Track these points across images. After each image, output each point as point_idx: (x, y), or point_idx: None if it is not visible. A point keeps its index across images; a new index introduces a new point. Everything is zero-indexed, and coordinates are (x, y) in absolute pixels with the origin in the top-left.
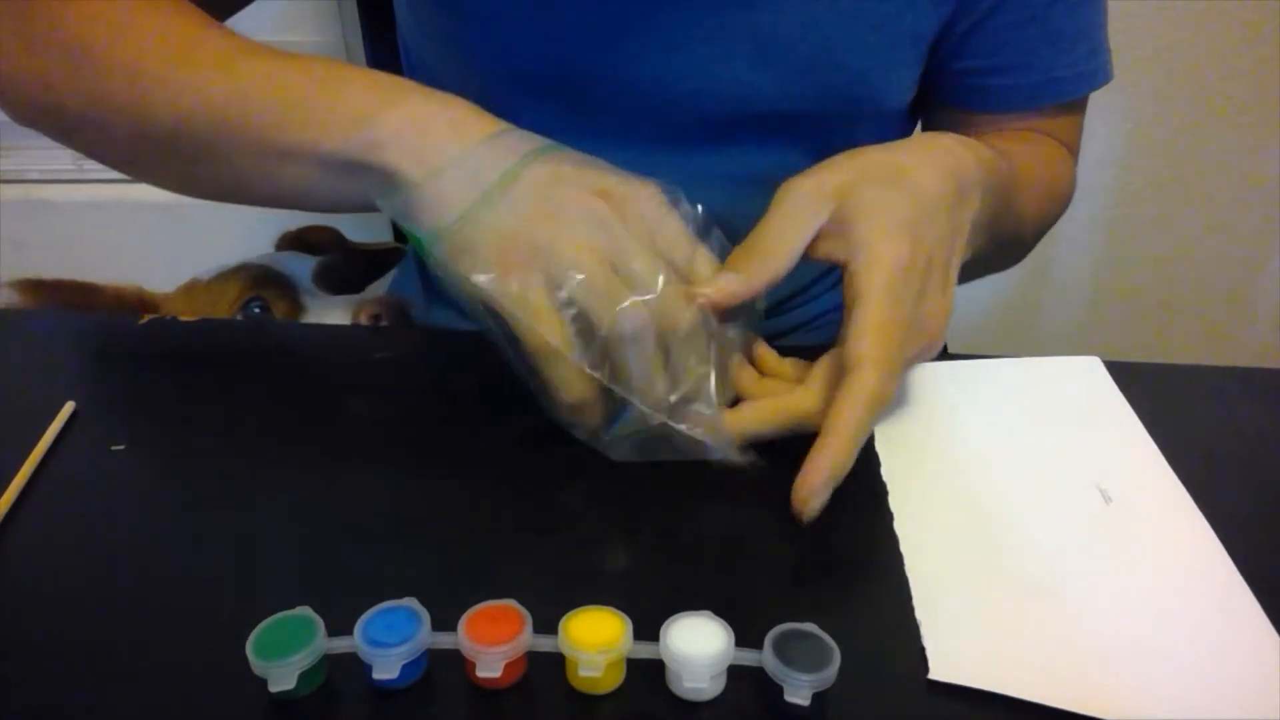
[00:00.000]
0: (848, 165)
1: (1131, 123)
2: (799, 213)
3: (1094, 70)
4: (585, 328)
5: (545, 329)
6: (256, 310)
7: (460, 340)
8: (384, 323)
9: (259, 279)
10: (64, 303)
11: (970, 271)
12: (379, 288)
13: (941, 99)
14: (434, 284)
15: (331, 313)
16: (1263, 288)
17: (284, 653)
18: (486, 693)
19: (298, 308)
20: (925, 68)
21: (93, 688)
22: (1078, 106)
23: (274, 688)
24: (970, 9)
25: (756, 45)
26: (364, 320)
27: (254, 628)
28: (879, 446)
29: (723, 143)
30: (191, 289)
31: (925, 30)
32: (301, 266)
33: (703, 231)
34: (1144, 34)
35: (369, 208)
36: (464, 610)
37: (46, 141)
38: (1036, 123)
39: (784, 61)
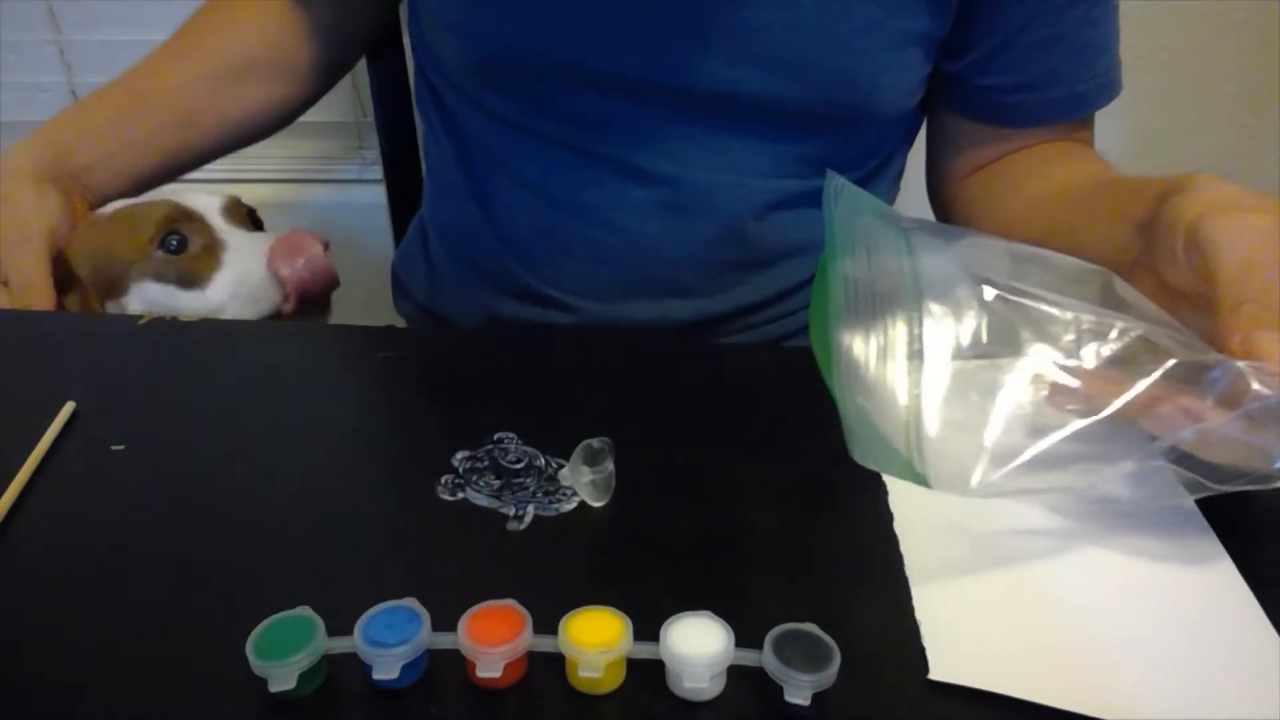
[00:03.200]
0: (1247, 196)
1: (1131, 123)
2: (1277, 252)
3: (1111, 82)
4: None
5: None
6: (174, 244)
7: (460, 340)
8: (303, 270)
9: (174, 215)
10: None
11: None
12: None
13: (963, 113)
14: (438, 269)
15: (252, 249)
16: None
17: (284, 653)
18: (486, 693)
19: (216, 243)
20: (947, 82)
21: (92, 688)
22: (1092, 115)
23: (274, 688)
24: (997, 28)
25: (736, 42)
26: (282, 270)
27: (254, 628)
28: None
29: (708, 132)
30: (115, 216)
31: (914, 34)
32: (208, 202)
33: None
34: (1144, 34)
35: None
36: (464, 610)
37: None
38: (1057, 133)
39: (766, 58)
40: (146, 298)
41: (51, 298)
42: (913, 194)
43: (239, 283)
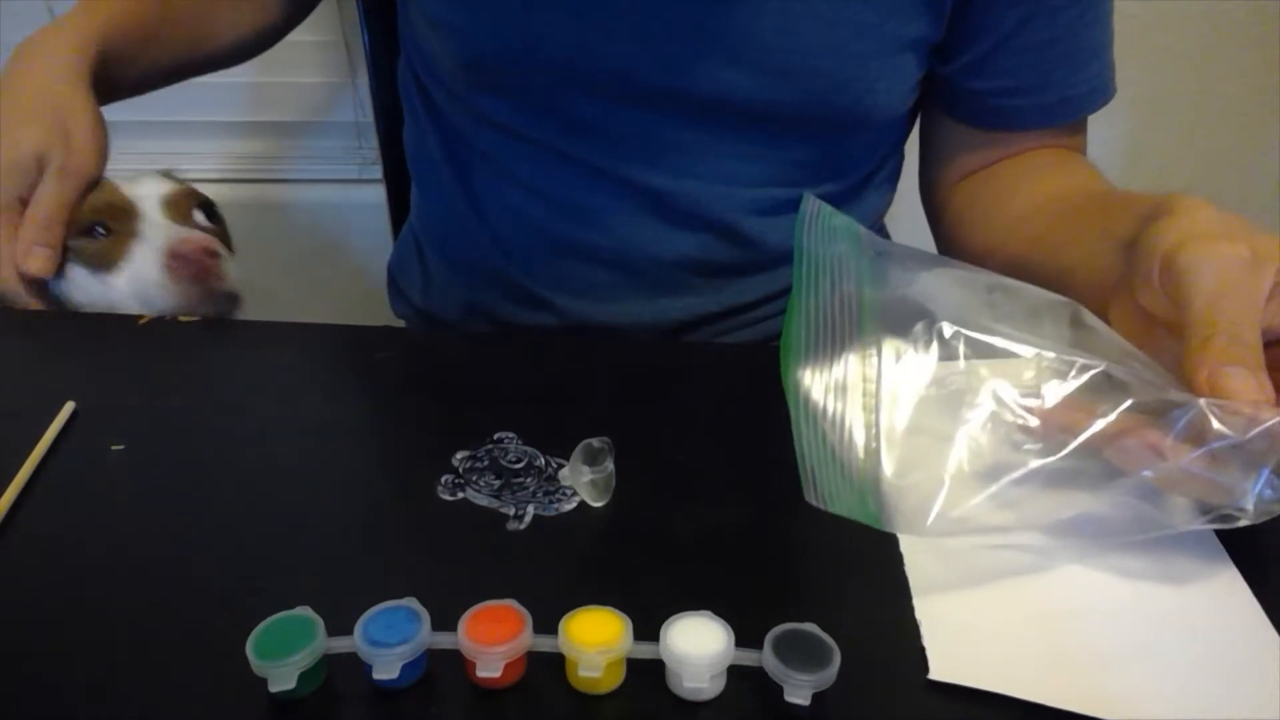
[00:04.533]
0: (1228, 225)
1: (1131, 123)
2: (1251, 284)
3: (1104, 86)
4: None
5: None
6: (101, 233)
7: (459, 340)
8: (188, 264)
9: (103, 207)
10: None
11: None
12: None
13: (956, 116)
14: (431, 270)
15: (153, 242)
16: None
17: (284, 653)
18: (486, 693)
19: (134, 234)
20: (939, 85)
21: (93, 688)
22: (1084, 120)
23: (274, 688)
24: (989, 30)
25: (730, 44)
26: (173, 264)
27: (254, 628)
28: None
29: (701, 138)
30: None
31: (907, 39)
32: (151, 191)
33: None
34: (1144, 34)
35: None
36: (464, 610)
37: None
38: (1049, 138)
39: (759, 62)
40: (75, 280)
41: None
42: (909, 199)
43: (135, 279)
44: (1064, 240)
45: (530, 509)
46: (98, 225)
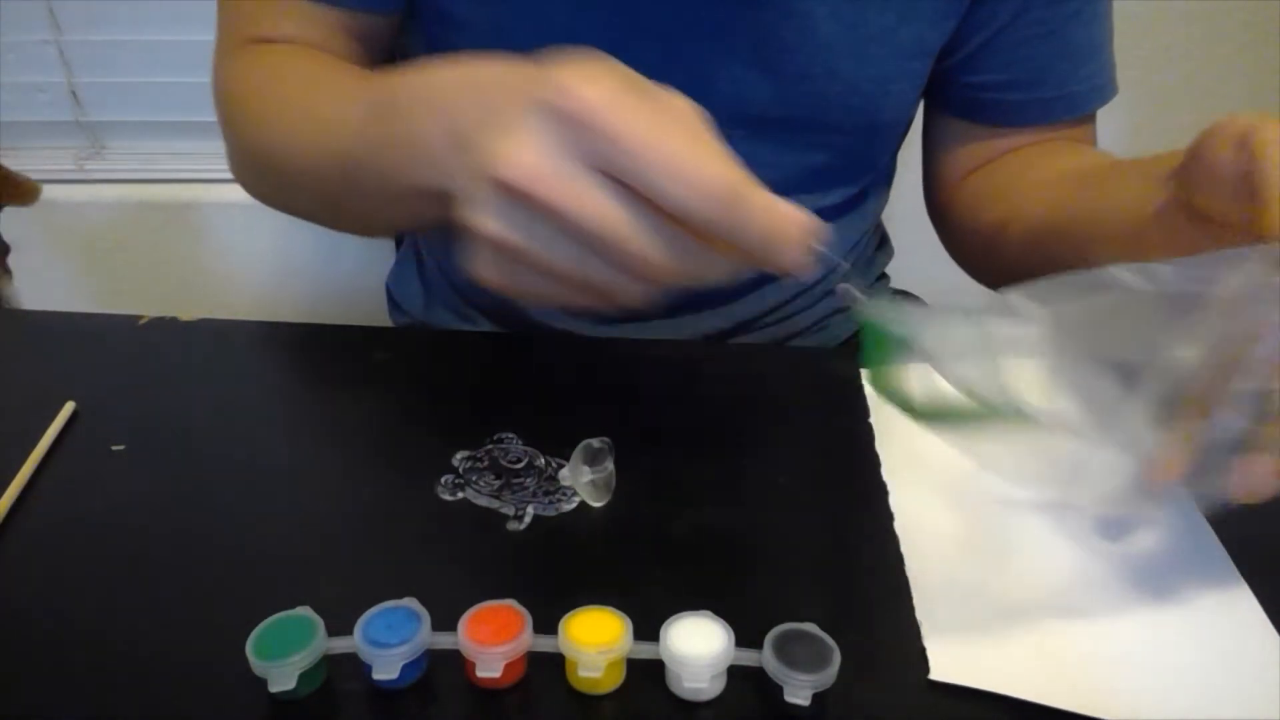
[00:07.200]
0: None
1: (1131, 123)
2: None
3: (1104, 85)
4: None
5: None
6: None
7: (459, 340)
8: None
9: None
10: None
11: None
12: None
13: (954, 112)
14: (432, 283)
15: None
16: None
17: (284, 653)
18: (486, 693)
19: None
20: (937, 81)
21: (93, 688)
22: (1090, 119)
23: (274, 688)
24: (985, 23)
25: (755, 46)
26: None
27: (254, 628)
28: (879, 446)
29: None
30: None
31: (926, 44)
32: None
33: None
34: (1144, 34)
35: None
36: (464, 610)
37: (47, 141)
38: (1050, 136)
39: (781, 65)
40: None
41: None
42: (910, 198)
43: None
44: (1093, 194)
45: (530, 509)
46: None
